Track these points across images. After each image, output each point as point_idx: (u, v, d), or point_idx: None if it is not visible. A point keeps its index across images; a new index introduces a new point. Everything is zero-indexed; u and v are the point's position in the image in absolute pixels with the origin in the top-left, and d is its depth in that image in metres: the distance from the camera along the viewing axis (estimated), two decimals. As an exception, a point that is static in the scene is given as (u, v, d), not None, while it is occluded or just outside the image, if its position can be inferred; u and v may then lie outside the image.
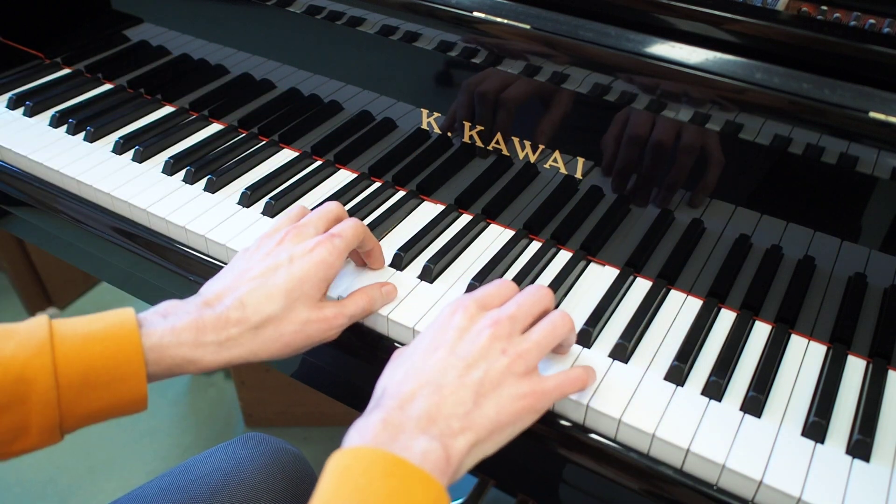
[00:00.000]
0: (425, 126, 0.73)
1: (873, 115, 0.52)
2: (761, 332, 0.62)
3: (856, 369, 0.59)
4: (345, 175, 0.80)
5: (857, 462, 0.52)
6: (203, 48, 0.84)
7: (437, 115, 0.72)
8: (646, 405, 0.55)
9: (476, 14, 0.64)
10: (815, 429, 0.53)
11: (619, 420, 0.53)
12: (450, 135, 0.72)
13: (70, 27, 0.95)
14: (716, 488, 0.52)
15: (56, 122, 0.86)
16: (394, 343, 0.62)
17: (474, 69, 0.67)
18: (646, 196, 0.65)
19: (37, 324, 0.49)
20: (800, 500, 0.49)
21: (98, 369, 0.48)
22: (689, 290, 0.66)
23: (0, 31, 1.00)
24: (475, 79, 0.67)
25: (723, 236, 0.63)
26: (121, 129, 0.86)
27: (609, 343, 0.60)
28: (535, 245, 0.71)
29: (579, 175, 0.67)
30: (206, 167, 0.78)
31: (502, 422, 0.47)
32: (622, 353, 0.59)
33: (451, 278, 0.67)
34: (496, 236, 0.72)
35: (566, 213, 0.70)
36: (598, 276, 0.68)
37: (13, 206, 0.85)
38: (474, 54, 0.66)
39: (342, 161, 0.81)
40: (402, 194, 0.77)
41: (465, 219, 0.74)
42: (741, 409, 0.55)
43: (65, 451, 1.43)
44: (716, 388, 0.56)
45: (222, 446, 0.69)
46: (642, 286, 0.66)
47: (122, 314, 0.51)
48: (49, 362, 0.47)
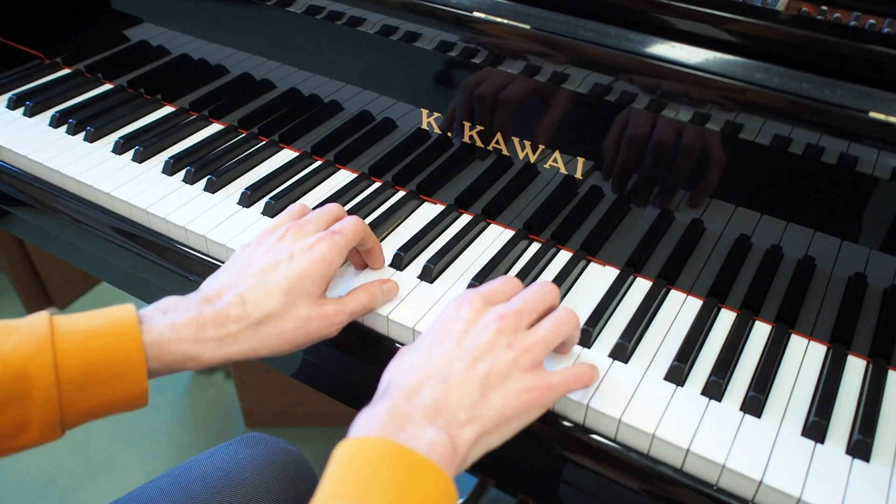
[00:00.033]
0: (425, 126, 0.73)
1: (873, 115, 0.52)
2: (761, 332, 0.62)
3: (856, 369, 0.59)
4: (345, 175, 0.80)
5: (857, 462, 0.52)
6: (203, 48, 0.84)
7: (437, 115, 0.72)
8: (646, 405, 0.55)
9: (476, 14, 0.64)
10: (815, 429, 0.53)
11: (619, 420, 0.53)
12: (450, 135, 0.72)
13: (70, 27, 0.95)
14: (716, 488, 0.52)
15: (56, 123, 0.86)
16: (394, 343, 0.62)
17: (474, 69, 0.67)
18: (646, 196, 0.65)
19: (38, 320, 0.49)
20: (800, 500, 0.49)
21: (99, 365, 0.48)
22: (689, 290, 0.66)
23: (0, 31, 1.00)
24: (474, 78, 0.67)
25: (723, 236, 0.63)
26: (121, 129, 0.86)
27: (609, 343, 0.60)
28: (535, 245, 0.71)
29: (579, 175, 0.67)
30: (206, 167, 0.78)
31: (508, 414, 0.47)
32: (622, 353, 0.59)
33: (451, 278, 0.67)
34: (496, 236, 0.72)
35: (566, 213, 0.70)
36: (598, 276, 0.68)
37: (13, 206, 0.85)
38: (474, 54, 0.66)
39: (342, 161, 0.81)
40: (402, 194, 0.77)
41: (465, 219, 0.74)
42: (741, 409, 0.55)
43: (65, 452, 1.43)
44: (716, 388, 0.56)
45: (222, 446, 0.69)
46: (642, 286, 0.66)
47: (123, 310, 0.51)
48: (50, 358, 0.47)
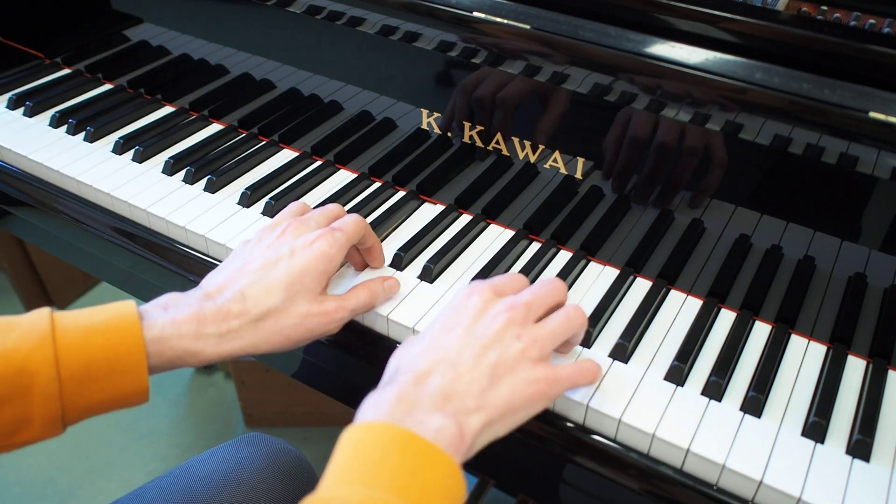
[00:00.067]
0: (425, 126, 0.73)
1: (873, 115, 0.52)
2: (761, 332, 0.62)
3: (856, 369, 0.59)
4: (345, 175, 0.80)
5: (857, 462, 0.52)
6: (203, 48, 0.84)
7: (437, 115, 0.72)
8: (646, 405, 0.55)
9: (476, 14, 0.64)
10: (815, 429, 0.53)
11: (620, 420, 0.53)
12: (450, 135, 0.72)
13: (70, 27, 0.95)
14: (716, 488, 0.52)
15: (56, 123, 0.86)
16: (394, 343, 0.62)
17: (474, 69, 0.67)
18: (646, 196, 0.65)
19: (38, 316, 0.49)
20: (800, 500, 0.49)
21: (99, 361, 0.49)
22: (689, 290, 0.66)
23: (0, 31, 1.00)
24: (474, 79, 0.67)
25: (723, 236, 0.63)
26: (121, 129, 0.86)
27: (609, 343, 0.60)
28: (535, 245, 0.71)
29: (579, 175, 0.67)
30: (206, 167, 0.78)
31: (515, 404, 0.48)
32: (622, 353, 0.59)
33: (451, 278, 0.67)
34: (496, 236, 0.72)
35: (566, 213, 0.70)
36: (598, 276, 0.68)
37: (13, 206, 0.85)
38: (474, 54, 0.66)
39: (342, 161, 0.81)
40: (402, 194, 0.77)
41: (465, 219, 0.74)
42: (741, 409, 0.55)
43: (65, 452, 1.43)
44: (716, 388, 0.56)
45: (222, 447, 0.69)
46: (642, 286, 0.66)
47: (124, 306, 0.51)
48: (51, 354, 0.47)
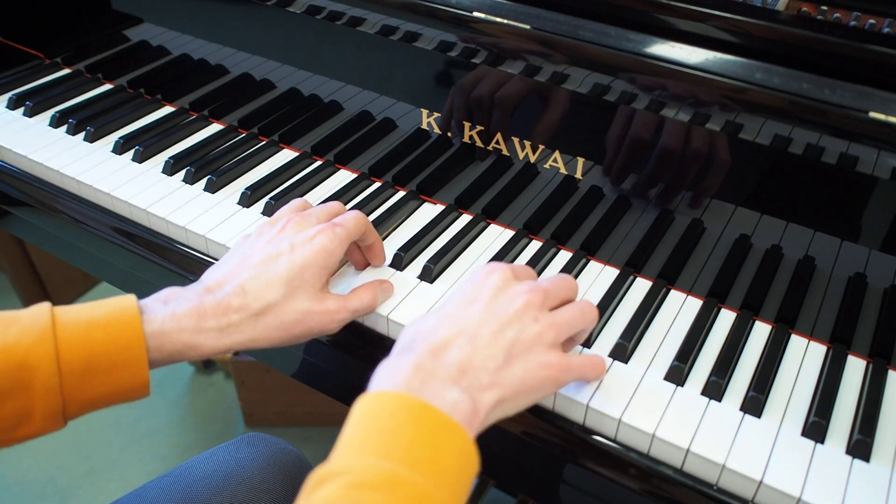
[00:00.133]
0: (425, 126, 0.73)
1: (873, 115, 0.52)
2: (761, 332, 0.62)
3: (856, 369, 0.59)
4: (345, 175, 0.80)
5: (857, 462, 0.52)
6: (203, 48, 0.84)
7: (436, 115, 0.72)
8: (646, 405, 0.55)
9: (476, 14, 0.64)
10: (815, 429, 0.53)
11: (620, 420, 0.53)
12: (450, 135, 0.72)
13: (70, 27, 0.95)
14: (716, 488, 0.52)
15: (56, 123, 0.86)
16: (394, 343, 0.62)
17: (474, 69, 0.67)
18: (646, 196, 0.65)
19: (39, 311, 0.49)
20: (800, 500, 0.49)
21: (100, 355, 0.49)
22: (689, 290, 0.66)
23: (0, 31, 1.00)
24: (474, 79, 0.67)
25: (723, 236, 0.63)
26: (121, 129, 0.86)
27: (609, 343, 0.60)
28: (535, 245, 0.71)
29: (579, 175, 0.67)
30: (206, 167, 0.78)
31: (527, 385, 0.48)
32: (622, 353, 0.59)
33: (451, 278, 0.67)
34: (496, 236, 0.72)
35: (566, 213, 0.70)
36: (598, 276, 0.68)
37: (13, 206, 0.85)
38: (474, 54, 0.66)
39: (342, 161, 0.81)
40: (402, 194, 0.77)
41: (465, 219, 0.74)
42: (741, 409, 0.55)
43: (65, 452, 1.43)
44: (716, 388, 0.56)
45: (223, 446, 0.69)
46: (642, 286, 0.66)
47: (124, 301, 0.51)
48: (51, 349, 0.47)
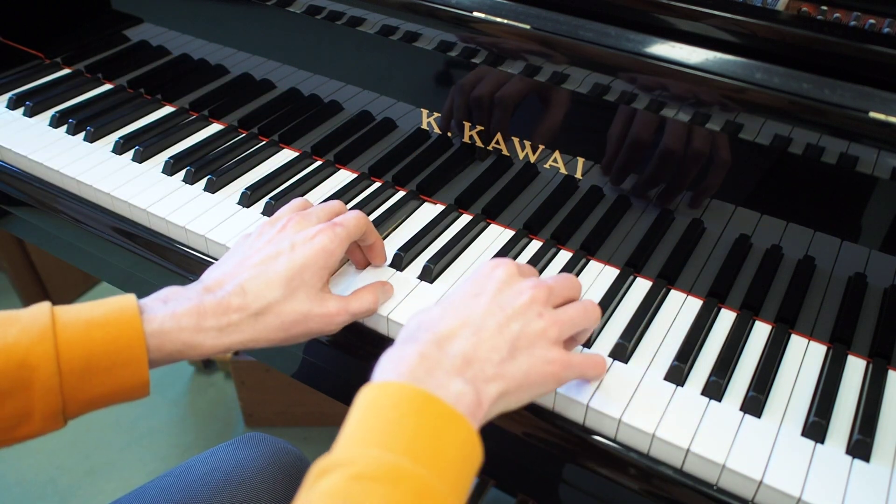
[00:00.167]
0: (425, 126, 0.73)
1: (873, 115, 0.52)
2: (761, 332, 0.62)
3: (856, 369, 0.59)
4: (345, 175, 0.80)
5: (857, 462, 0.52)
6: (203, 48, 0.84)
7: (437, 115, 0.72)
8: (646, 405, 0.55)
9: (476, 14, 0.64)
10: (815, 429, 0.53)
11: (620, 420, 0.53)
12: (450, 135, 0.72)
13: (70, 27, 0.95)
14: (716, 488, 0.52)
15: (56, 123, 0.86)
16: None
17: (474, 69, 0.67)
18: (646, 196, 0.65)
19: (39, 310, 0.49)
20: (800, 500, 0.49)
21: (100, 355, 0.49)
22: (689, 290, 0.66)
23: (0, 31, 1.00)
24: (472, 78, 0.67)
25: (723, 236, 0.63)
26: (121, 129, 0.86)
27: (609, 343, 0.60)
28: (535, 245, 0.71)
29: (579, 175, 0.67)
30: (206, 167, 0.78)
31: (530, 379, 0.48)
32: (622, 352, 0.59)
33: (451, 278, 0.67)
34: (496, 236, 0.72)
35: (566, 213, 0.70)
36: (598, 276, 0.68)
37: (13, 206, 0.85)
38: (474, 54, 0.66)
39: (342, 161, 0.81)
40: (402, 194, 0.77)
41: (465, 219, 0.74)
42: (741, 409, 0.55)
43: (65, 452, 1.43)
44: (716, 388, 0.56)
45: (223, 446, 0.69)
46: (642, 286, 0.66)
47: (124, 300, 0.51)
48: (51, 348, 0.47)
